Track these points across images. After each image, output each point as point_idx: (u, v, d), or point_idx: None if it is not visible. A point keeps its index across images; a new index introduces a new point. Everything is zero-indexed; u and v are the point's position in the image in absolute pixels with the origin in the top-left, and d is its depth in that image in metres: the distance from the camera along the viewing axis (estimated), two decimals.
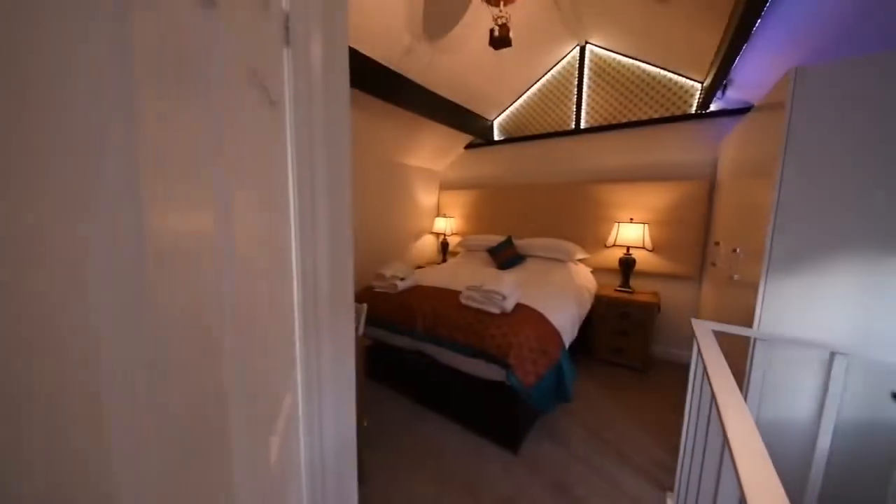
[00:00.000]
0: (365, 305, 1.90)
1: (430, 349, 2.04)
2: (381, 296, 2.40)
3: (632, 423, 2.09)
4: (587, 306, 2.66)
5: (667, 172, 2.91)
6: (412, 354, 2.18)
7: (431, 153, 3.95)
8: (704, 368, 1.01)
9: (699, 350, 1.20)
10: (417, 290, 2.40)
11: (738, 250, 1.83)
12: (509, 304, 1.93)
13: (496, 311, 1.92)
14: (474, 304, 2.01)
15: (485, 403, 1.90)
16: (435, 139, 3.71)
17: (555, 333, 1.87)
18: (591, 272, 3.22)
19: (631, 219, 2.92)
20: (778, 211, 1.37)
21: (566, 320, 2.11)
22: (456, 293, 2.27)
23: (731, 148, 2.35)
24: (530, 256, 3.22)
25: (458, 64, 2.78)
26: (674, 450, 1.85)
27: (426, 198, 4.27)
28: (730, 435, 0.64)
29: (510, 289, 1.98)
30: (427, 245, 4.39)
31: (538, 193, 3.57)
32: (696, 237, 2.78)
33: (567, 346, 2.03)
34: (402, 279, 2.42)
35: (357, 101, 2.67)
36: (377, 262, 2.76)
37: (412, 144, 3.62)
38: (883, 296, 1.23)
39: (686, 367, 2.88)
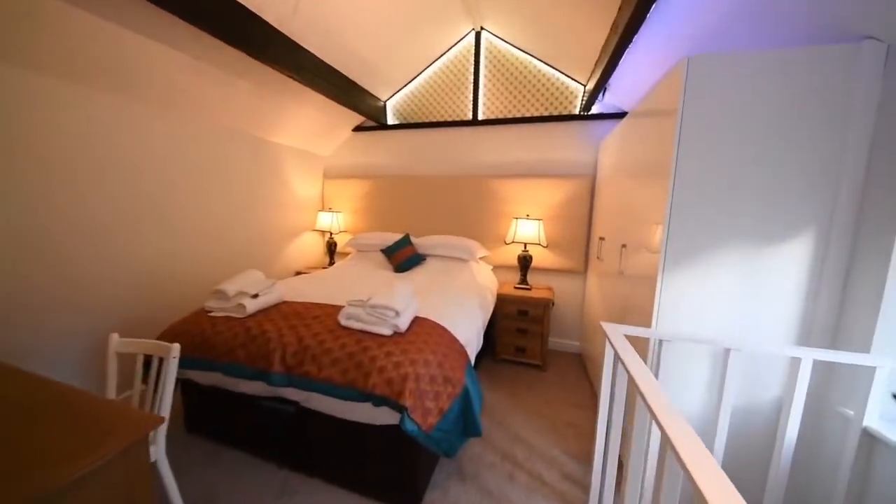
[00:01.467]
0: (175, 347, 1.20)
1: (296, 394, 1.46)
2: (220, 323, 1.66)
3: (541, 432, 1.95)
4: (491, 309, 2.47)
5: (556, 169, 2.97)
6: (271, 402, 1.55)
7: (311, 132, 3.20)
8: (630, 376, 0.92)
9: (617, 356, 1.03)
10: (279, 311, 1.75)
11: (626, 246, 1.84)
12: (404, 322, 1.51)
13: (387, 332, 1.47)
14: (357, 326, 1.51)
15: (372, 454, 1.44)
16: (315, 114, 3.00)
17: (460, 352, 1.55)
18: (492, 270, 3.10)
19: (527, 215, 2.88)
20: (672, 209, 1.33)
21: (472, 331, 1.82)
22: (336, 310, 1.72)
23: (610, 149, 2.47)
24: (431, 256, 2.88)
25: (336, 20, 2.20)
26: (583, 455, 1.77)
27: (306, 187, 3.49)
28: (674, 439, 0.65)
29: (404, 301, 1.57)
30: (309, 245, 3.61)
31: (437, 186, 3.26)
32: (581, 232, 2.91)
33: (472, 360, 1.74)
34: (253, 296, 1.73)
35: (183, 39, 1.81)
36: (235, 270, 1.98)
37: (284, 117, 2.83)
38: (762, 286, 1.28)
39: (576, 357, 3.10)
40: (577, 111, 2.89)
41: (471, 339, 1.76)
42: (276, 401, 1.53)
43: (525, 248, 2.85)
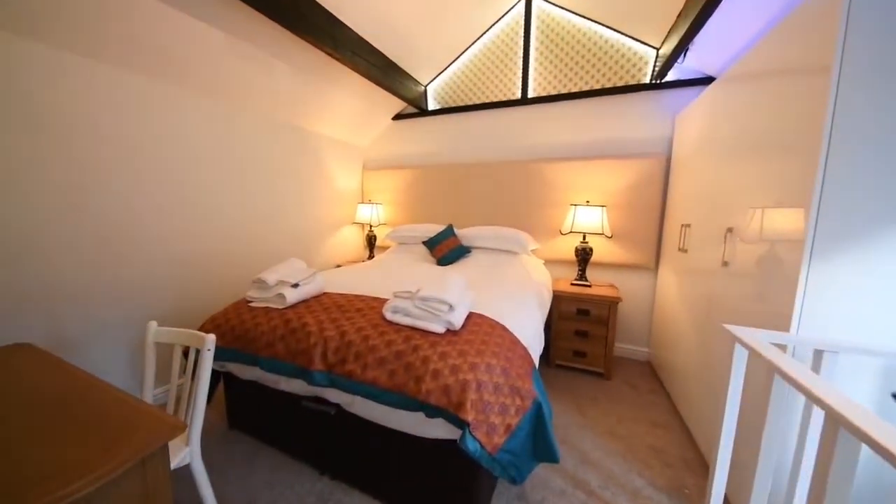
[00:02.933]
0: (210, 338, 1.07)
1: (338, 396, 1.29)
2: (259, 314, 1.55)
3: (616, 456, 1.63)
4: (548, 307, 2.17)
5: (621, 149, 2.59)
6: (312, 402, 1.40)
7: (351, 120, 3.10)
8: (828, 407, 0.62)
9: (780, 374, 0.73)
10: (320, 302, 1.60)
11: (732, 230, 1.47)
12: (458, 318, 1.28)
13: (439, 328, 1.25)
14: (405, 321, 1.31)
15: (423, 470, 1.23)
16: (354, 101, 2.89)
17: (524, 356, 1.29)
18: (543, 264, 2.79)
19: (587, 201, 2.53)
20: (825, 187, 0.98)
21: (533, 332, 1.55)
22: (380, 303, 1.54)
23: (693, 121, 2.07)
24: (476, 248, 2.64)
25: None
26: (673, 488, 1.43)
27: (346, 179, 3.41)
28: None
29: (458, 293, 1.34)
30: (349, 239, 3.54)
31: (482, 174, 3.01)
32: (652, 221, 2.50)
33: (537, 365, 1.47)
34: (293, 286, 1.60)
35: (219, 13, 1.74)
36: (277, 262, 1.91)
37: (323, 104, 2.74)
38: None
39: (644, 365, 2.50)
40: (647, 80, 2.49)
41: (533, 341, 1.50)
42: (318, 401, 1.38)
43: (584, 238, 2.51)
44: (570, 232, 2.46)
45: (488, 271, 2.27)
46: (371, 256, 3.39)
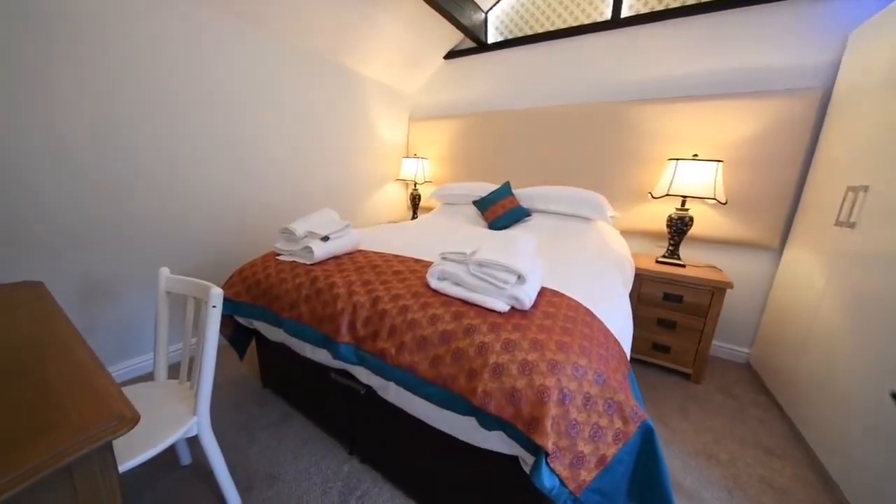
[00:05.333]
0: (214, 292, 0.85)
1: (368, 377, 1.04)
2: (285, 269, 1.33)
3: (716, 487, 1.24)
4: (630, 287, 1.72)
5: (752, 83, 1.90)
6: (341, 376, 1.17)
7: (399, 58, 2.69)
8: None
9: None
10: (352, 260, 1.34)
11: None
12: (529, 293, 0.92)
13: (501, 306, 0.91)
14: (455, 292, 0.98)
15: (473, 485, 0.95)
16: (404, 31, 2.45)
17: (619, 355, 0.91)
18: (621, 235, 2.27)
19: (695, 155, 1.92)
20: None
21: (623, 319, 1.14)
22: (423, 267, 1.24)
23: (886, 37, 1.35)
24: (538, 212, 2.20)
25: None
26: None
27: (391, 130, 3.07)
28: None
29: (531, 260, 0.97)
30: (392, 198, 3.26)
31: (547, 122, 2.48)
32: (786, 183, 1.85)
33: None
34: (323, 239, 1.34)
35: None
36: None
37: (371, 34, 2.35)
38: None
39: (745, 369, 1.93)
40: None
41: (624, 332, 1.10)
42: (348, 376, 1.15)
43: (683, 204, 1.95)
44: (666, 195, 1.91)
45: (555, 240, 1.85)
46: (415, 217, 3.11)
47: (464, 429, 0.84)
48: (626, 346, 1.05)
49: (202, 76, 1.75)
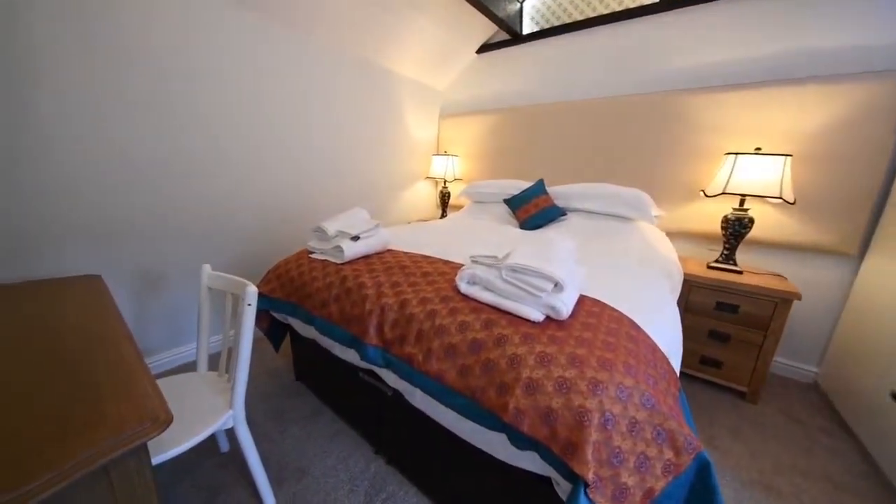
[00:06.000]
0: (250, 290, 0.86)
1: (396, 381, 1.02)
2: (317, 267, 1.35)
3: None
4: (677, 295, 1.57)
5: (829, 66, 1.66)
6: (369, 377, 1.17)
7: (430, 54, 2.65)
8: None
9: None
10: (381, 260, 1.33)
11: None
12: (567, 302, 0.85)
13: (535, 315, 0.85)
14: (486, 297, 0.93)
15: (505, 499, 0.91)
16: (436, 26, 2.41)
17: (669, 374, 0.82)
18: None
19: (757, 149, 1.72)
20: None
21: (672, 332, 1.04)
22: (452, 269, 1.20)
23: None
24: (574, 211, 2.08)
25: None
26: None
27: (422, 127, 3.05)
28: None
29: (569, 266, 0.90)
30: (421, 196, 3.26)
31: (585, 115, 2.34)
32: (872, 179, 1.60)
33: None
34: (353, 238, 1.35)
35: None
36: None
37: (401, 32, 2.34)
38: None
39: (810, 389, 1.71)
40: None
41: (673, 347, 0.99)
42: (376, 377, 1.14)
43: (741, 204, 1.75)
44: (722, 194, 1.72)
45: (593, 242, 1.74)
46: (444, 216, 3.08)
47: (493, 443, 0.80)
48: (676, 363, 0.95)
49: (253, 83, 1.83)
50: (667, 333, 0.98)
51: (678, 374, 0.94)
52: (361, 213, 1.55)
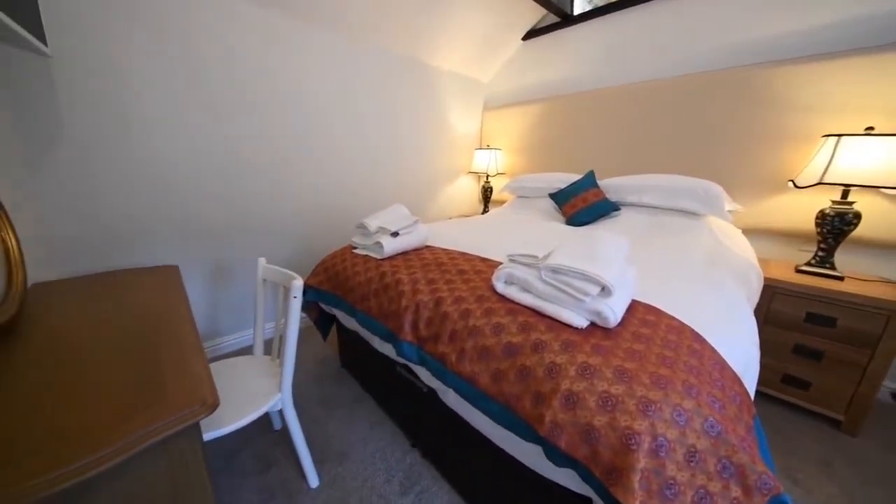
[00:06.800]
0: (296, 284, 0.91)
1: (430, 379, 1.02)
2: (359, 263, 1.39)
3: None
4: (755, 304, 1.36)
5: None
6: (406, 371, 1.19)
7: (476, 44, 2.59)
8: None
9: None
10: (419, 257, 1.33)
11: None
12: (616, 308, 0.77)
13: (579, 321, 0.78)
14: (524, 299, 0.88)
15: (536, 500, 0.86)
16: (482, 14, 2.34)
17: (741, 396, 0.70)
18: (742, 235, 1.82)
19: (869, 128, 1.41)
20: None
21: (746, 347, 0.89)
22: (490, 267, 1.16)
23: None
24: (629, 206, 1.90)
25: None
26: None
27: (465, 121, 3.01)
28: None
29: (619, 268, 0.81)
30: (463, 192, 3.22)
31: (646, 100, 2.11)
32: None
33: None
34: (393, 234, 1.36)
35: None
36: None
37: (443, 26, 2.31)
38: None
39: None
40: None
41: (749, 366, 0.85)
42: (412, 372, 1.16)
43: (844, 196, 1.46)
44: (818, 184, 1.44)
45: (651, 240, 1.57)
46: (486, 211, 3.02)
47: (528, 454, 0.76)
48: (751, 385, 0.82)
49: (303, 85, 1.94)
50: (739, 349, 0.85)
51: (753, 398, 0.80)
52: (401, 209, 1.57)
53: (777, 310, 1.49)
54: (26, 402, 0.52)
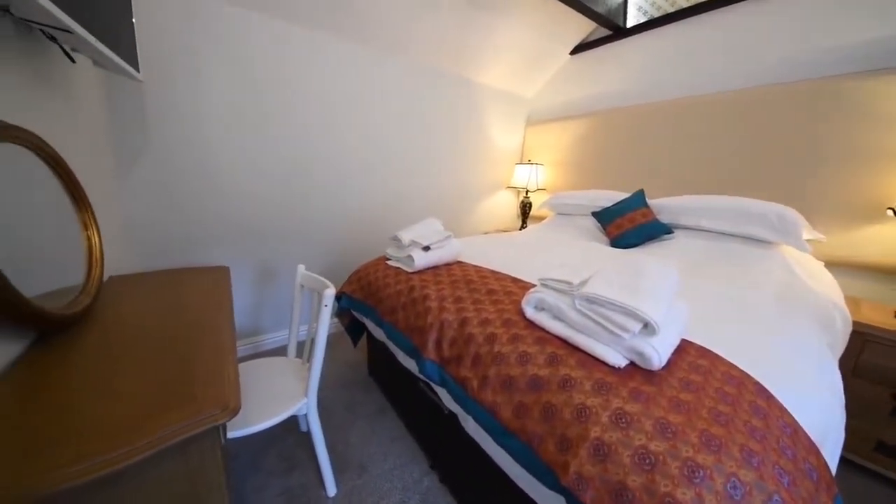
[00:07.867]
0: (327, 292, 0.94)
1: (451, 403, 0.98)
2: (390, 274, 1.41)
3: None
4: (840, 353, 1.14)
5: None
6: (427, 389, 1.17)
7: (520, 60, 2.57)
8: None
9: None
10: (449, 272, 1.31)
11: None
12: (661, 350, 0.68)
13: (616, 359, 0.70)
14: (556, 329, 0.82)
15: None
16: (528, 32, 2.32)
17: (820, 470, 0.58)
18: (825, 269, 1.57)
19: None
20: None
21: (829, 411, 0.74)
22: (521, 289, 1.11)
23: None
24: (684, 229, 1.73)
25: None
26: None
27: (507, 136, 2.98)
28: None
29: (664, 305, 0.73)
30: (502, 206, 3.17)
31: (707, 114, 1.93)
32: None
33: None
34: (424, 248, 1.36)
35: None
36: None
37: (487, 42, 2.33)
38: None
39: None
40: None
41: (829, 431, 0.71)
42: (435, 392, 1.13)
43: None
44: None
45: (709, 269, 1.40)
46: (523, 227, 2.94)
47: (548, 499, 0.69)
48: (833, 455, 0.68)
49: (358, 106, 2.07)
50: (818, 409, 0.71)
51: (834, 471, 0.66)
52: (435, 223, 1.57)
53: (869, 361, 1.25)
54: (72, 390, 0.58)
